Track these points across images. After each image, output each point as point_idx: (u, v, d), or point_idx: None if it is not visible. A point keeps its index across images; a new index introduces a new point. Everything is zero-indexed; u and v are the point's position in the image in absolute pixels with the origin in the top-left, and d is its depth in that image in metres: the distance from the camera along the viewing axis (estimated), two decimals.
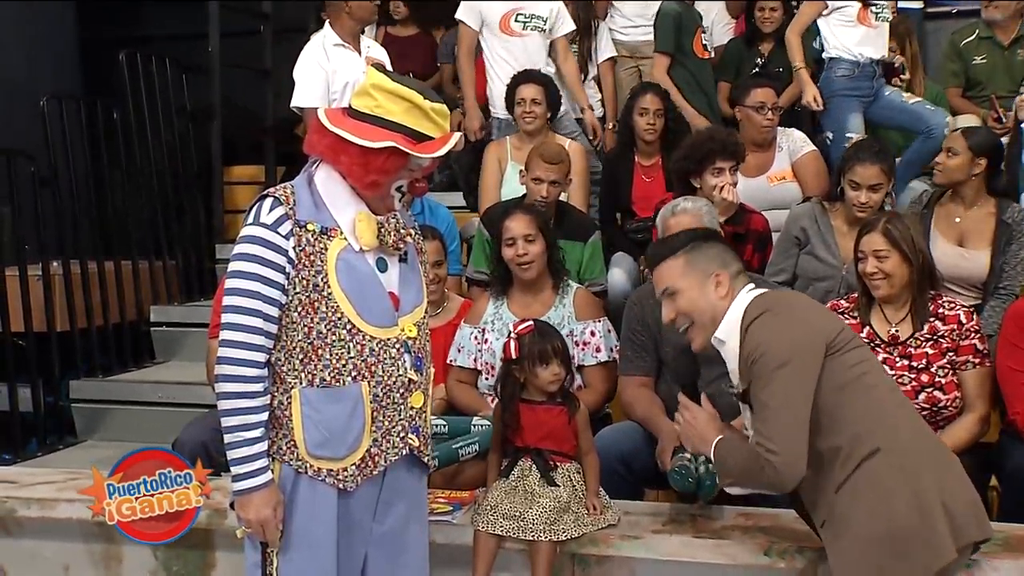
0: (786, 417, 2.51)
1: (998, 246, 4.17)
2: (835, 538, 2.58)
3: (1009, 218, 4.17)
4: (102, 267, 5.62)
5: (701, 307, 2.71)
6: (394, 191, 2.57)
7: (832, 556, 2.60)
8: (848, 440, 2.54)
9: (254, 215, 2.52)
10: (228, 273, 2.53)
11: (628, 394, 3.72)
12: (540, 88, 5.13)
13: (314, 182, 2.58)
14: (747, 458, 2.58)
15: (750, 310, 2.66)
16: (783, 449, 2.49)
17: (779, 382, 2.52)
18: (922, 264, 3.49)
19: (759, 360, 2.54)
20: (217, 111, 6.50)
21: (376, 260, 2.59)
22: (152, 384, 5.32)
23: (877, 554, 2.51)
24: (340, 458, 2.55)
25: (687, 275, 2.73)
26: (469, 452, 3.52)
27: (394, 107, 2.49)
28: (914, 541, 2.51)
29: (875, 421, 2.59)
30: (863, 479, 2.53)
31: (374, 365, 2.55)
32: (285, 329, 2.53)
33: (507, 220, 3.92)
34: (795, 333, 2.58)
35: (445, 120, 2.53)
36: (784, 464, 2.50)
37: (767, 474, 2.53)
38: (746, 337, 2.59)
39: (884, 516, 2.51)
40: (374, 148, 2.46)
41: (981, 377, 3.49)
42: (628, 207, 5.08)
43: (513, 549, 3.16)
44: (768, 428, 2.51)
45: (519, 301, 3.95)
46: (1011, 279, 4.13)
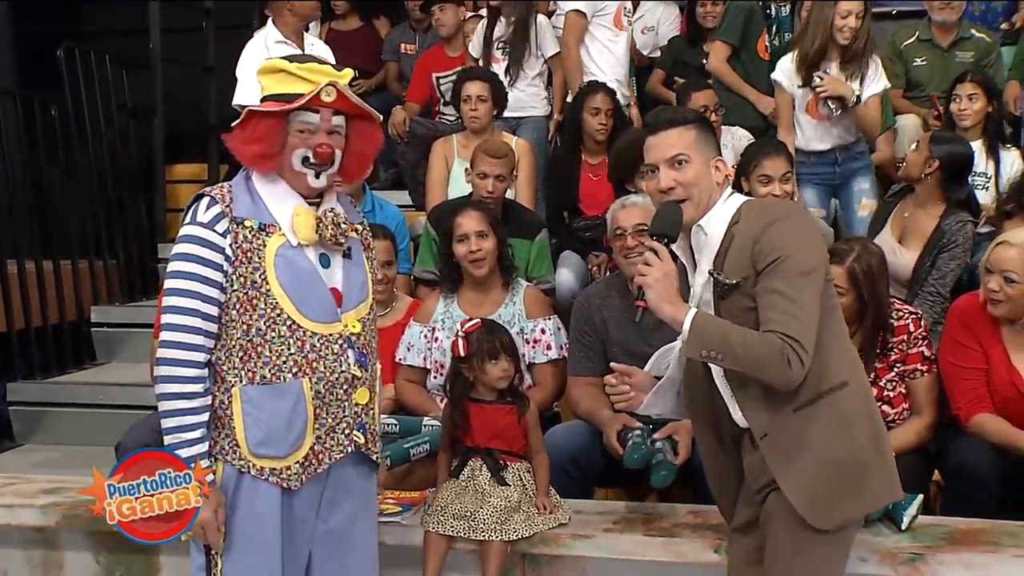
0: (813, 324, 2.45)
1: (928, 249, 4.24)
2: (787, 460, 2.52)
3: (947, 225, 4.23)
4: (40, 266, 5.50)
5: (704, 186, 2.59)
6: (300, 165, 2.54)
7: (783, 477, 2.52)
8: (819, 364, 2.48)
9: (191, 215, 2.54)
10: (167, 274, 2.54)
11: (574, 392, 3.73)
12: (486, 85, 5.13)
13: (251, 180, 2.58)
14: (761, 345, 2.43)
15: (760, 208, 2.60)
16: (810, 350, 2.42)
17: (805, 287, 2.46)
18: (875, 308, 3.44)
19: (781, 263, 2.45)
20: (159, 108, 6.40)
21: (319, 256, 2.58)
22: (93, 386, 5.21)
23: (835, 476, 2.50)
24: (283, 456, 2.52)
25: (697, 149, 2.60)
26: (420, 452, 3.51)
27: (270, 80, 2.55)
28: (871, 474, 2.53)
29: (844, 354, 2.59)
30: (829, 406, 2.51)
31: (315, 361, 2.53)
32: (224, 327, 2.52)
33: (458, 216, 3.90)
34: (818, 246, 2.56)
35: (318, 75, 2.51)
36: (806, 365, 2.43)
37: (788, 370, 2.42)
38: (768, 231, 2.48)
39: (845, 443, 2.50)
40: (241, 120, 2.51)
41: (929, 384, 3.54)
42: (575, 205, 5.09)
43: (464, 549, 3.15)
44: (800, 326, 2.42)
45: (469, 299, 3.93)
46: (939, 284, 4.20)
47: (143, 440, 3.65)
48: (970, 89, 4.87)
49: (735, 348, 2.45)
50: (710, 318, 2.53)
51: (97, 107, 6.10)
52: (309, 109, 2.50)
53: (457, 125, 5.59)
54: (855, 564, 2.83)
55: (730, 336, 2.46)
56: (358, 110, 2.59)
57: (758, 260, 2.48)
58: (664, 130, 2.63)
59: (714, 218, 2.60)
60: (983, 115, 4.88)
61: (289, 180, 2.57)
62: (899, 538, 3.03)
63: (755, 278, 2.49)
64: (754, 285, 2.49)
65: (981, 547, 2.97)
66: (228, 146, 2.55)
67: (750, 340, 2.44)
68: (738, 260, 2.52)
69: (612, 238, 3.75)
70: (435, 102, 6.19)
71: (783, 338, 2.41)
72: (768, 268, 2.47)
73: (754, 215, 2.55)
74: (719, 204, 2.61)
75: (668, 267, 2.53)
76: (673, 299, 2.52)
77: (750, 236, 2.51)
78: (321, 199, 2.61)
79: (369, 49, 6.85)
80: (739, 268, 2.52)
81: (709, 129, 2.70)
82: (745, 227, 2.53)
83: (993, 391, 3.45)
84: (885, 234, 4.37)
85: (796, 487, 2.51)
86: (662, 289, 2.52)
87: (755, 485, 2.62)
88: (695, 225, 2.61)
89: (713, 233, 2.59)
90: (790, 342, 2.41)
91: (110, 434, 4.15)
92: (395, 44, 6.82)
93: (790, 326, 2.42)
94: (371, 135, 2.67)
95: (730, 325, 2.49)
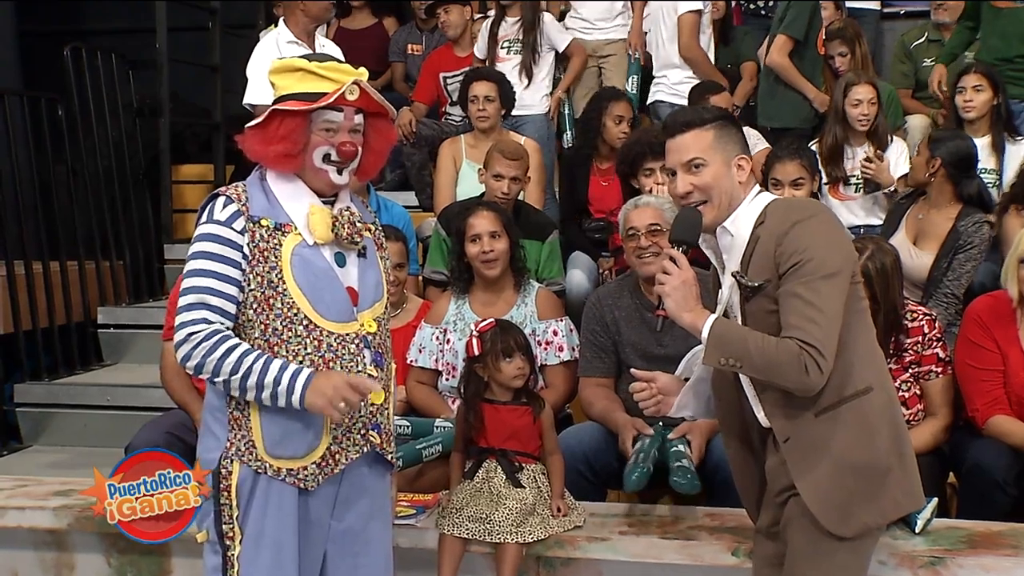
0: (834, 329, 2.42)
1: (944, 251, 4.22)
2: (807, 465, 2.50)
3: (963, 226, 4.22)
4: (47, 267, 5.48)
5: (723, 187, 2.55)
6: (322, 163, 2.53)
7: (802, 481, 2.50)
8: (842, 368, 2.46)
9: (207, 213, 2.51)
10: (184, 273, 2.50)
11: (587, 394, 3.71)
12: (493, 85, 5.12)
13: (266, 179, 2.57)
14: (779, 351, 2.40)
15: (785, 208, 2.54)
16: (830, 359, 2.40)
17: (827, 290, 2.42)
18: (888, 308, 3.40)
19: (805, 264, 2.42)
20: (165, 107, 6.36)
21: (334, 255, 2.56)
22: (100, 387, 5.19)
23: (853, 480, 2.47)
24: (300, 457, 2.51)
25: (716, 149, 2.56)
26: (433, 453, 3.49)
27: (286, 80, 2.52)
28: (891, 481, 2.49)
29: (870, 358, 2.55)
30: (851, 412, 2.48)
31: (332, 360, 2.51)
32: (241, 327, 2.50)
33: (471, 217, 3.88)
34: (844, 248, 2.51)
35: (339, 73, 2.51)
36: (825, 374, 2.40)
37: (806, 376, 2.39)
38: (792, 232, 2.44)
39: (866, 449, 2.47)
40: (264, 119, 2.49)
41: (944, 385, 3.52)
42: (584, 207, 5.07)
43: (479, 552, 3.13)
44: (821, 335, 2.39)
45: (481, 300, 3.92)
46: (953, 285, 4.19)
47: (153, 441, 3.66)
48: (975, 80, 4.83)
49: (753, 355, 2.43)
50: (729, 325, 2.51)
51: (103, 107, 6.07)
52: (333, 108, 2.49)
53: (463, 126, 5.58)
54: (873, 567, 2.80)
55: (748, 343, 2.44)
56: (379, 107, 2.58)
57: (781, 262, 2.45)
58: (681, 133, 2.59)
59: (740, 218, 2.57)
60: (989, 107, 4.83)
61: (309, 178, 2.55)
62: (918, 541, 3.01)
63: (777, 280, 2.46)
64: (777, 287, 2.46)
65: (1001, 550, 2.95)
66: (244, 147, 2.53)
67: (767, 346, 2.42)
68: (762, 261, 2.49)
69: (625, 238, 3.74)
70: (443, 102, 6.18)
71: (801, 344, 2.39)
72: (790, 271, 2.44)
73: (780, 215, 2.51)
74: (745, 204, 2.57)
75: (687, 274, 2.51)
76: (692, 306, 2.50)
77: (774, 237, 2.47)
78: (335, 198, 2.60)
79: (377, 49, 6.83)
80: (763, 270, 2.49)
81: (732, 127, 2.64)
82: (770, 227, 2.50)
83: (1010, 392, 3.43)
84: (899, 236, 4.34)
85: (814, 491, 2.49)
86: (680, 297, 2.50)
87: (776, 487, 2.60)
88: (720, 227, 2.58)
89: (739, 234, 2.56)
90: (808, 348, 2.38)
91: (117, 436, 4.15)
92: (401, 44, 6.80)
93: (809, 331, 2.39)
94: (388, 132, 2.67)
95: (749, 331, 2.47)
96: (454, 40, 6.17)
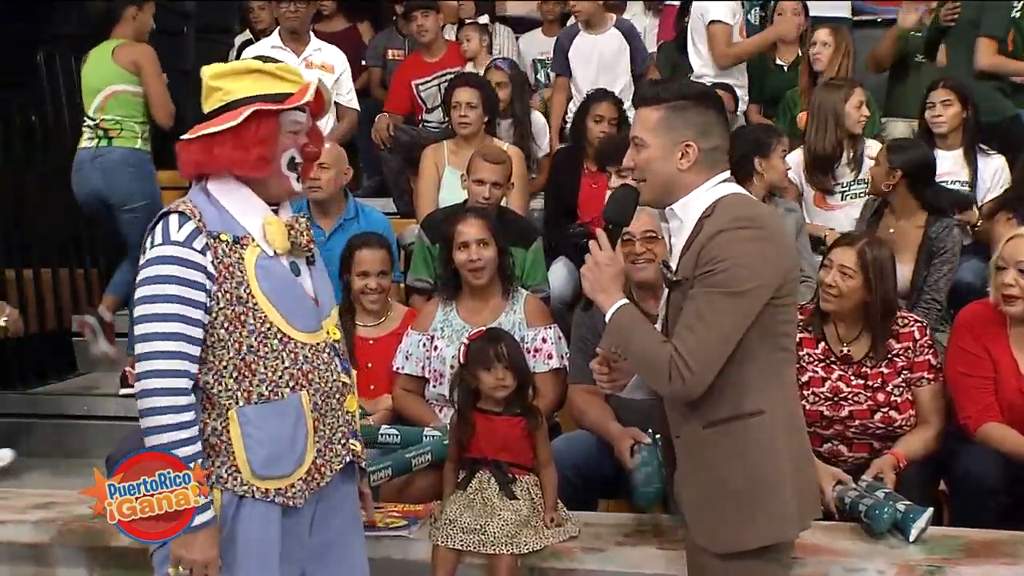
0: (715, 346, 2.38)
1: (922, 259, 4.23)
2: (691, 475, 2.52)
3: (934, 232, 4.23)
4: (20, 275, 5.39)
5: (657, 170, 2.51)
6: (286, 169, 2.46)
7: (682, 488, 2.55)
8: (738, 386, 2.43)
9: (161, 235, 2.36)
10: (139, 299, 2.33)
11: (579, 401, 3.67)
12: (476, 91, 5.08)
13: (211, 194, 2.45)
14: (654, 352, 2.42)
15: (729, 208, 2.47)
16: (698, 372, 2.37)
17: (724, 306, 2.37)
18: (882, 297, 3.43)
19: (716, 275, 2.38)
20: None
21: (290, 264, 2.49)
22: (76, 396, 5.13)
23: (722, 501, 2.46)
24: (288, 474, 2.43)
25: (658, 133, 2.51)
26: (422, 462, 3.45)
27: (241, 84, 2.43)
28: (761, 508, 2.45)
29: (770, 384, 2.48)
30: (738, 431, 2.45)
31: (310, 372, 2.45)
32: (212, 349, 2.38)
33: (460, 224, 3.84)
34: (764, 268, 2.41)
35: (296, 75, 2.48)
36: (691, 386, 2.38)
37: (669, 384, 2.39)
38: (717, 238, 2.40)
39: (742, 471, 2.44)
40: (240, 122, 2.37)
41: (935, 393, 3.52)
42: (571, 209, 5.04)
43: (472, 563, 3.08)
44: (695, 347, 2.37)
45: (468, 307, 3.88)
46: (935, 292, 4.19)
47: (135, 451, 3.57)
48: (943, 95, 4.84)
49: (634, 349, 2.47)
50: (630, 314, 2.51)
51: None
52: (299, 108, 2.44)
53: (441, 132, 5.53)
54: None
55: (635, 336, 2.47)
56: (322, 111, 2.55)
57: (699, 264, 2.42)
58: (637, 107, 2.61)
59: (690, 204, 2.52)
60: (959, 121, 4.84)
61: (266, 186, 2.46)
62: (915, 550, 3.00)
63: (692, 280, 2.43)
64: (691, 287, 2.43)
65: (999, 559, 2.95)
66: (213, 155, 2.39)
67: (649, 345, 2.44)
68: (690, 257, 2.47)
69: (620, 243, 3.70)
70: (418, 111, 6.13)
71: (674, 351, 2.39)
72: (701, 276, 2.41)
73: (723, 214, 2.45)
74: (701, 190, 2.51)
75: (606, 255, 2.53)
76: (606, 287, 2.52)
77: (706, 236, 2.43)
78: (278, 207, 2.52)
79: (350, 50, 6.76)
80: (687, 266, 2.47)
81: (694, 108, 2.52)
82: (710, 224, 2.45)
83: (1001, 399, 3.43)
84: None
85: (690, 501, 2.53)
86: (593, 278, 2.53)
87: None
88: (669, 208, 2.57)
89: (687, 220, 2.52)
90: (677, 357, 2.38)
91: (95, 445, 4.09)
92: (380, 49, 6.74)
93: (686, 341, 2.39)
94: (320, 135, 2.61)
95: (646, 327, 2.49)
96: (427, 45, 6.12)
